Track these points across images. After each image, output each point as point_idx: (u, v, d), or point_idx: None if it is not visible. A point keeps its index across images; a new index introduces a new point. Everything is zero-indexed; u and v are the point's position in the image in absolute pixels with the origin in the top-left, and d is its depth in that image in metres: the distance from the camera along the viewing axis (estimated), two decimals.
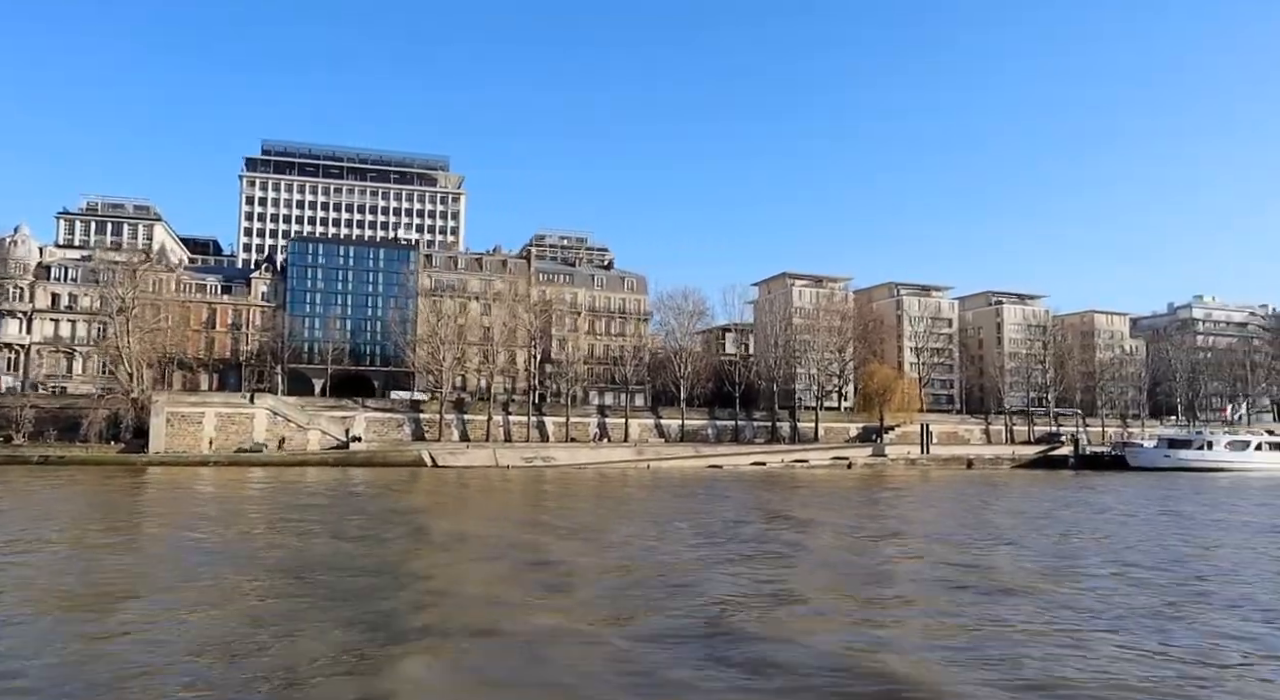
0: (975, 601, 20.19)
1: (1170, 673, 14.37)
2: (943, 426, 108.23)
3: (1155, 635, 16.94)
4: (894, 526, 38.05)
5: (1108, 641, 16.33)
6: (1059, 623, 17.96)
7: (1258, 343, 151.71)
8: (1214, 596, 21.13)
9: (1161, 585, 22.71)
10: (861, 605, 20.02)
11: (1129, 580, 23.53)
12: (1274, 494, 60.59)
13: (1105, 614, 18.84)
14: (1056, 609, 19.28)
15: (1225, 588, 22.46)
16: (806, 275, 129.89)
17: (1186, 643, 16.42)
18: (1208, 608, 19.83)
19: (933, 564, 26.38)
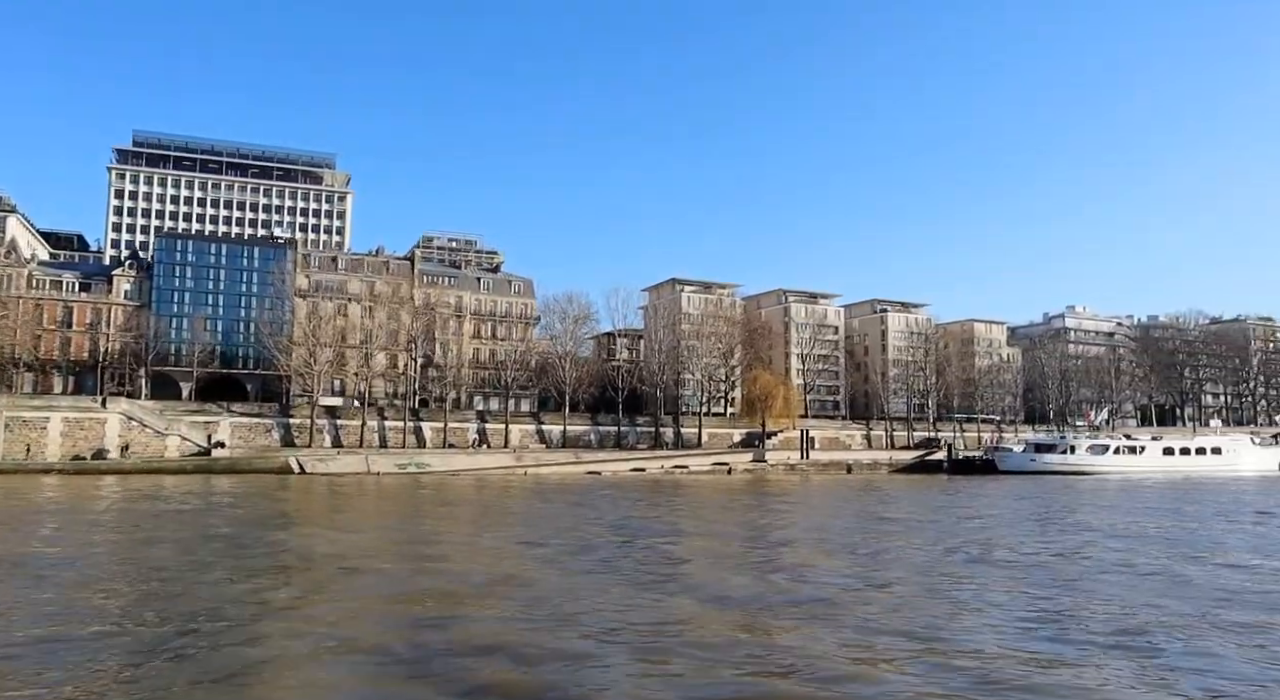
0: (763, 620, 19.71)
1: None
2: (825, 432, 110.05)
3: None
4: (740, 533, 37.74)
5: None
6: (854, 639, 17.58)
7: (1123, 351, 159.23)
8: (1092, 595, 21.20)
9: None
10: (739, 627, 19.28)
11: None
12: (1109, 495, 63.00)
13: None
14: (843, 629, 18.92)
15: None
16: (696, 281, 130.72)
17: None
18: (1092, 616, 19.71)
19: (757, 574, 25.93)
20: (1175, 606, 19.85)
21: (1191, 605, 20.01)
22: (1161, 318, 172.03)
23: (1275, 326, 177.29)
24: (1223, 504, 54.63)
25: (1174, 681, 13.87)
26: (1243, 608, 19.74)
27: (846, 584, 23.09)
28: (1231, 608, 19.69)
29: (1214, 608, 19.68)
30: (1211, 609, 19.50)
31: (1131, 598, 21.00)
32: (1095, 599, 20.87)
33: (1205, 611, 19.23)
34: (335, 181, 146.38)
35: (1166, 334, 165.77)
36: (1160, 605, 20.01)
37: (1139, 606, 19.82)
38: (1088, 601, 20.51)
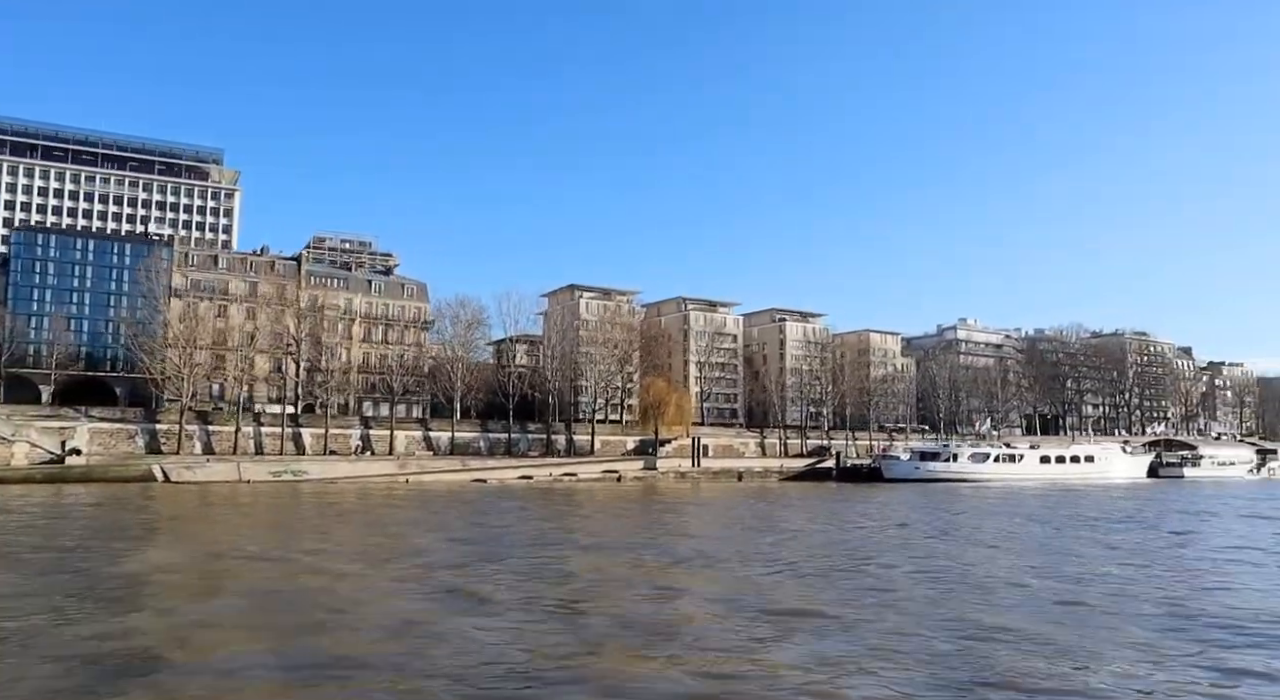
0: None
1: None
2: (719, 440, 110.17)
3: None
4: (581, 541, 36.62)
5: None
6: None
7: (1010, 363, 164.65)
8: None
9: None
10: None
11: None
12: (977, 500, 64.31)
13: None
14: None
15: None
16: (595, 288, 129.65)
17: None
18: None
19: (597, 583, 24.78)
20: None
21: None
22: (1047, 331, 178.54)
23: (1150, 341, 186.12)
24: (1070, 510, 56.13)
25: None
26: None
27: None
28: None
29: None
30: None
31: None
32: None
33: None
34: (223, 178, 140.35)
35: (1050, 347, 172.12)
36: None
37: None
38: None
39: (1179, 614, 19.78)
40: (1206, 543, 37.55)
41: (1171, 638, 17.11)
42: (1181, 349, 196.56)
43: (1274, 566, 29.46)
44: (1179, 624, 18.56)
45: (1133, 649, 16.12)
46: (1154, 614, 19.78)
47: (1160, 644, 16.54)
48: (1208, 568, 28.85)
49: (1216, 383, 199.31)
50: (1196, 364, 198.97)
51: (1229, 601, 21.52)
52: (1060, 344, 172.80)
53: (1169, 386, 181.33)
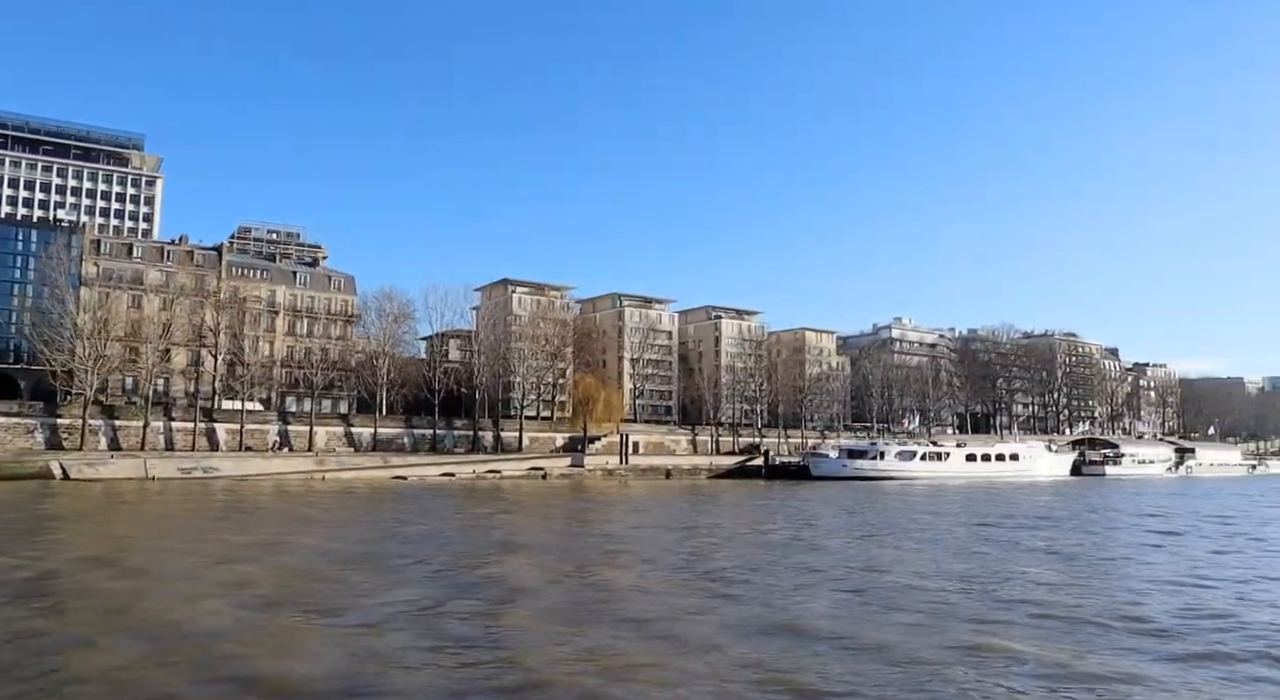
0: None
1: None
2: (650, 437, 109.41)
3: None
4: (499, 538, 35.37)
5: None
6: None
7: (944, 362, 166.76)
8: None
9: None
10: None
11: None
12: (897, 498, 64.47)
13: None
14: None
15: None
16: (529, 282, 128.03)
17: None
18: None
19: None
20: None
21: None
22: (980, 331, 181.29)
23: (1079, 342, 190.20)
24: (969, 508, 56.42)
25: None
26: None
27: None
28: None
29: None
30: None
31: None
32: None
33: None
34: (144, 165, 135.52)
35: (983, 346, 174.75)
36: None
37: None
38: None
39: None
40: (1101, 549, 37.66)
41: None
42: (1108, 350, 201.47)
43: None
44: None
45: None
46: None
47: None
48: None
49: (1141, 383, 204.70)
50: (1122, 365, 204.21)
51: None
52: (992, 344, 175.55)
53: (1096, 386, 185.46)
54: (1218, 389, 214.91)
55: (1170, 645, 16.25)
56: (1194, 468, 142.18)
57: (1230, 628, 18.02)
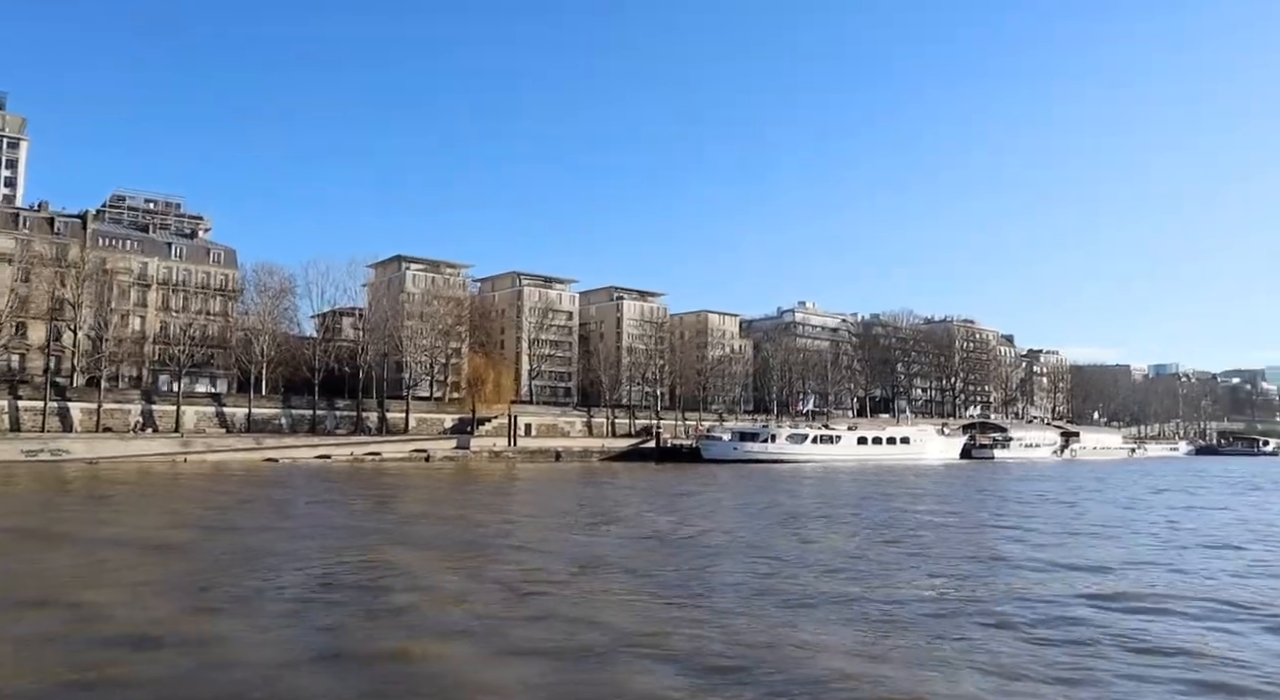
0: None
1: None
2: (542, 419, 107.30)
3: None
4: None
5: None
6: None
7: (846, 346, 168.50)
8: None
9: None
10: None
11: None
12: (780, 480, 63.99)
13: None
14: None
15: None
16: (423, 260, 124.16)
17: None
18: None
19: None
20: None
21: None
22: (883, 316, 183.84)
23: (976, 328, 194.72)
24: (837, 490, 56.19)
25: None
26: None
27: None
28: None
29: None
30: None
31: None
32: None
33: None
34: (5, 125, 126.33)
35: (884, 331, 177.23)
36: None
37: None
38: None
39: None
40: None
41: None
42: (1004, 337, 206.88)
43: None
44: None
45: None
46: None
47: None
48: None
49: (1035, 369, 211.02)
50: (1018, 351, 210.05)
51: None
52: (893, 329, 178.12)
53: (992, 372, 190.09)
54: (1106, 375, 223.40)
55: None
56: (1078, 451, 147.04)
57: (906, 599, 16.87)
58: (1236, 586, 19.83)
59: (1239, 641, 14.37)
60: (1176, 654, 13.46)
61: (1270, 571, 22.52)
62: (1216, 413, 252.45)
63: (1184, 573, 21.85)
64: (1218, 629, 15.29)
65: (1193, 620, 16.06)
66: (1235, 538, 30.28)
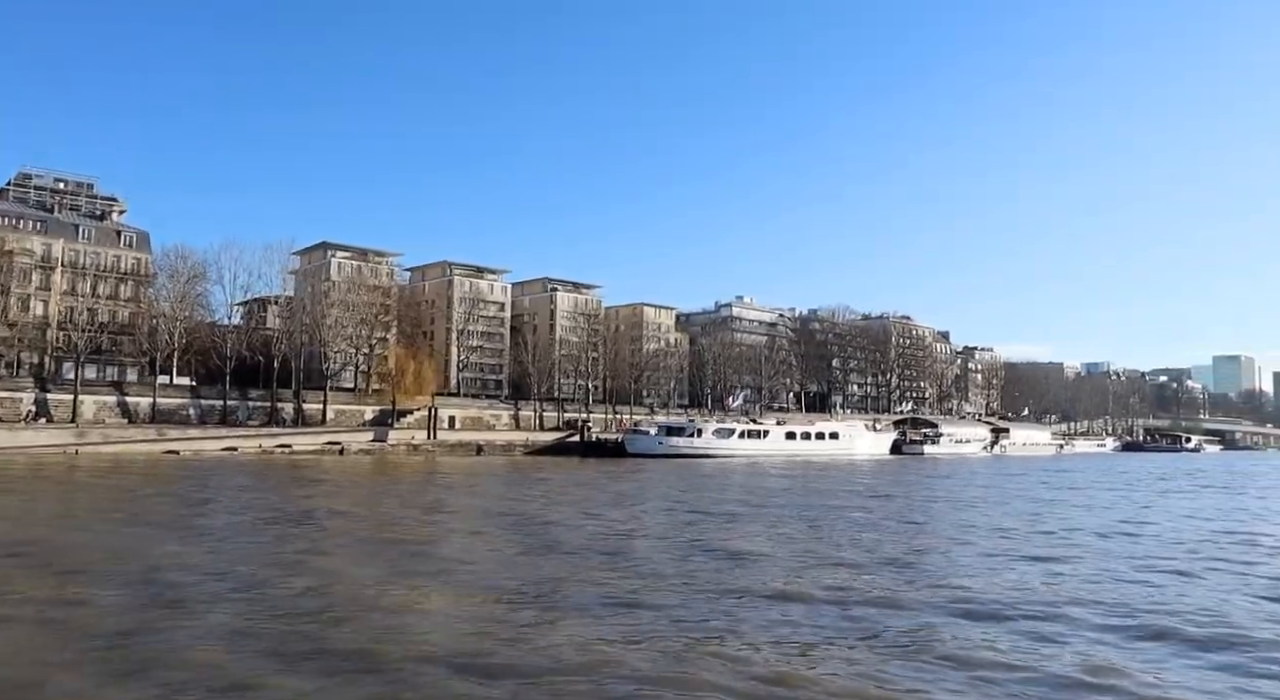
0: None
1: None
2: (467, 411, 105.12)
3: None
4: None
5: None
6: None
7: (783, 341, 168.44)
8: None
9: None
10: None
11: None
12: (698, 475, 62.84)
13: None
14: None
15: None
16: (351, 247, 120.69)
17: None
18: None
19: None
20: None
21: None
22: (820, 311, 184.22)
23: (913, 325, 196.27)
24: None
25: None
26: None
27: None
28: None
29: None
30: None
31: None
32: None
33: None
34: None
35: (821, 327, 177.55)
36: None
37: None
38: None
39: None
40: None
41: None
42: (940, 334, 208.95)
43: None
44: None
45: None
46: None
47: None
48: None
49: (970, 366, 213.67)
50: (953, 348, 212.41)
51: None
52: (830, 324, 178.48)
53: (927, 368, 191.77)
54: (1038, 373, 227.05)
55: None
56: (1007, 447, 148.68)
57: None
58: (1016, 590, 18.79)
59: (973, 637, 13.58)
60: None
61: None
62: (1144, 410, 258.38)
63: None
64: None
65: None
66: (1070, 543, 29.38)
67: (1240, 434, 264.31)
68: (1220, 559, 23.52)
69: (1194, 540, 28.13)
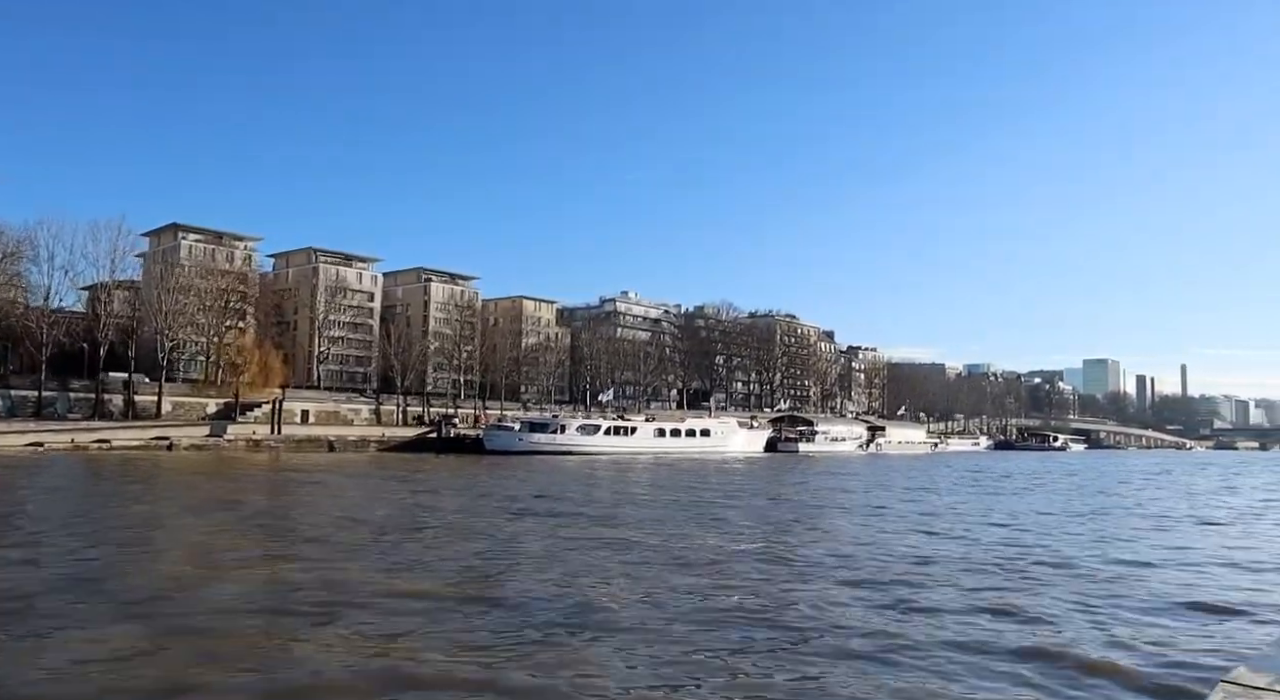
0: None
1: None
2: (323, 405, 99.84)
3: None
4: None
5: None
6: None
7: (667, 338, 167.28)
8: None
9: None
10: None
11: None
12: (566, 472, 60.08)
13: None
14: None
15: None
16: (203, 229, 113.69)
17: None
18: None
19: None
20: None
21: None
22: (706, 308, 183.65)
23: (798, 323, 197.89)
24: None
25: None
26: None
27: None
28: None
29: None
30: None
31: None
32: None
33: None
34: None
35: (706, 324, 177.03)
36: None
37: None
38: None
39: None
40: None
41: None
42: (825, 332, 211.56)
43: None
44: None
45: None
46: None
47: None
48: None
49: (854, 365, 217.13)
50: (837, 347, 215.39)
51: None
52: (715, 321, 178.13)
53: (812, 366, 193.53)
54: (920, 373, 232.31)
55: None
56: (883, 445, 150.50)
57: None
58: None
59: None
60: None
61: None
62: (1019, 410, 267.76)
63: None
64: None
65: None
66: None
67: (1105, 433, 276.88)
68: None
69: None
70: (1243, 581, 18.94)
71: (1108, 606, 15.36)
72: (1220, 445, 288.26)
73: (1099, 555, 22.52)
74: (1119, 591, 17.01)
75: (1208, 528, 32.39)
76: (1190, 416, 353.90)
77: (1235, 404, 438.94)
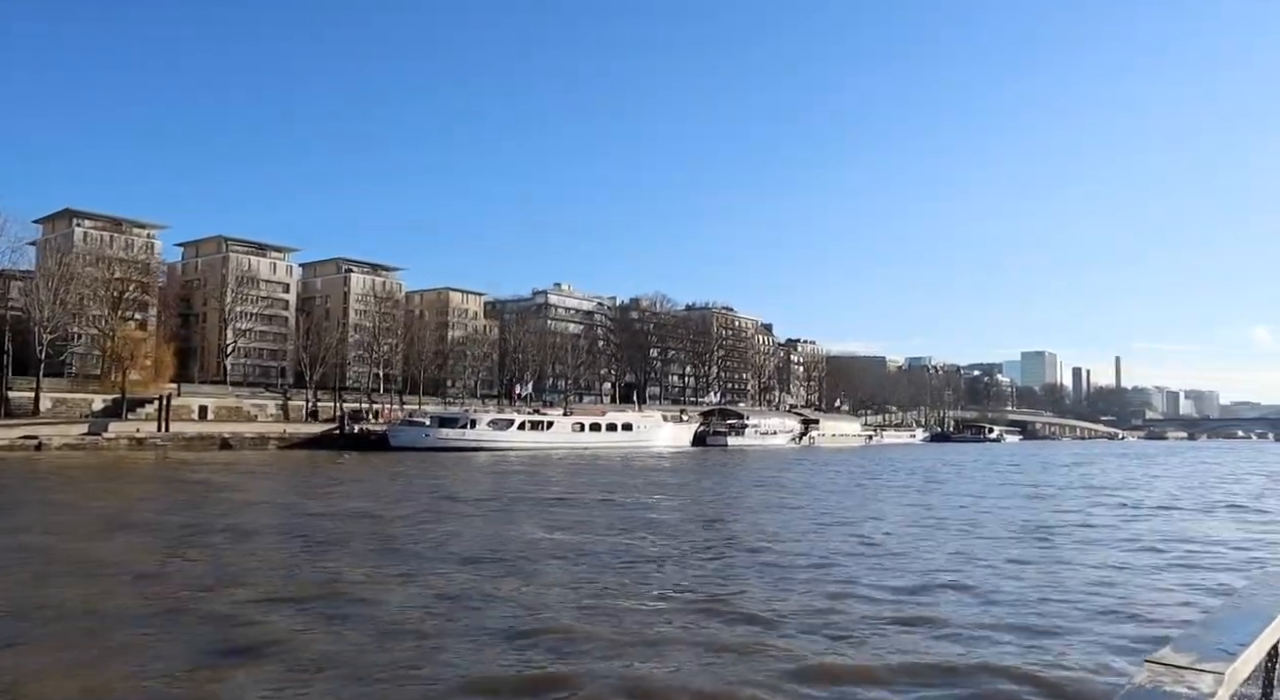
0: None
1: None
2: (223, 401, 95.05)
3: None
4: None
5: None
6: None
7: (601, 330, 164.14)
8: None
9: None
10: None
11: None
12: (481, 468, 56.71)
13: None
14: None
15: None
16: (100, 215, 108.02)
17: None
18: None
19: None
20: None
21: None
22: (642, 300, 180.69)
23: (735, 316, 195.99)
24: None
25: None
26: None
27: None
28: None
29: None
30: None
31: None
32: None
33: None
34: None
35: (640, 316, 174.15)
36: None
37: None
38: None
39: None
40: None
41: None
42: (763, 326, 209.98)
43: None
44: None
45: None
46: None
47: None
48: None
49: (792, 358, 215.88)
50: (775, 340, 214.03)
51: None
52: (650, 314, 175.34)
53: (749, 359, 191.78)
54: (859, 365, 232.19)
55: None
56: (817, 438, 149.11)
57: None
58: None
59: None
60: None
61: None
62: (957, 402, 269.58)
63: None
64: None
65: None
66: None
67: (1041, 424, 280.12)
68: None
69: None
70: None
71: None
72: (1151, 435, 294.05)
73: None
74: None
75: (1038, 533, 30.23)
76: (1124, 407, 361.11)
77: (1166, 395, 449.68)
